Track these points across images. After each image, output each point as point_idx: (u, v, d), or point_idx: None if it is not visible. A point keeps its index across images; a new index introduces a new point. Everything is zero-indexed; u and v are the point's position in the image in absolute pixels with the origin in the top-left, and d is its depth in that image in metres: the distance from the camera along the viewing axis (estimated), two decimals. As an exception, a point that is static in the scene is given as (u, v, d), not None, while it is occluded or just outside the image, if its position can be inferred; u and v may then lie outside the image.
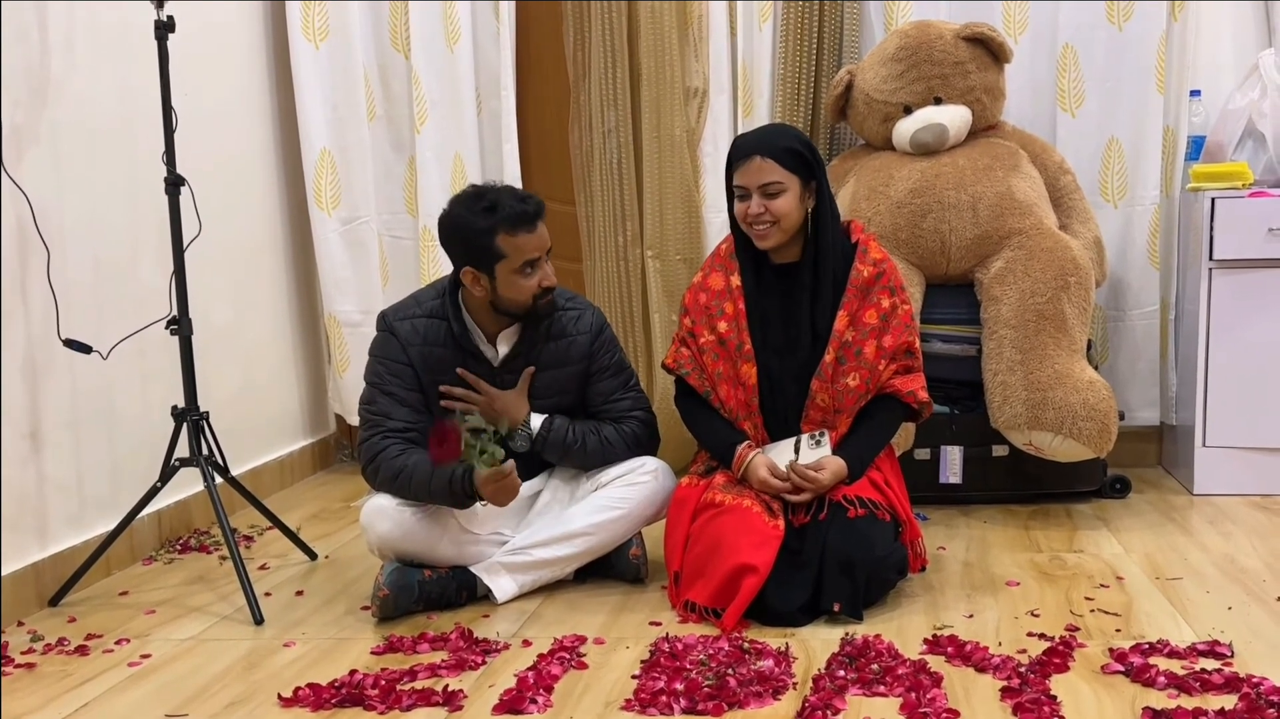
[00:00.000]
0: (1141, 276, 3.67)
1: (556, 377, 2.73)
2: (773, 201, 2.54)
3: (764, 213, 2.55)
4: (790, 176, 2.55)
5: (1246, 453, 3.37)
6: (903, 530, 2.58)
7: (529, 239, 2.57)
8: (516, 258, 2.56)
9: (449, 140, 3.91)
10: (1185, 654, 2.20)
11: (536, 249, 2.58)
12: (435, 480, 2.52)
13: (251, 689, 2.24)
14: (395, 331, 2.67)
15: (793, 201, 2.55)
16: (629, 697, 2.09)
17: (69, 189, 2.90)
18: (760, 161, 2.54)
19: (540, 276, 2.60)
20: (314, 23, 3.89)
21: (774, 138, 2.61)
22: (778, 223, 2.55)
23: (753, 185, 2.55)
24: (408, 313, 2.70)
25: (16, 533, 2.71)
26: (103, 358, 2.80)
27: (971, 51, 3.38)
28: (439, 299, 2.69)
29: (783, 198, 2.54)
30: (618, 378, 2.79)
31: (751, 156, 2.55)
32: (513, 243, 2.55)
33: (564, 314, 2.73)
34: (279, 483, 3.88)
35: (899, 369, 2.61)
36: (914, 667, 2.16)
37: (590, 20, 3.75)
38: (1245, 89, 3.50)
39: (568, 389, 2.75)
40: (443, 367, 2.66)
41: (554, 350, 2.72)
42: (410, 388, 2.65)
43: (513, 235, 2.55)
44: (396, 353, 2.65)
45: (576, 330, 2.74)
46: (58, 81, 2.87)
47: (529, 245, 2.57)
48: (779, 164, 2.54)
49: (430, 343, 2.66)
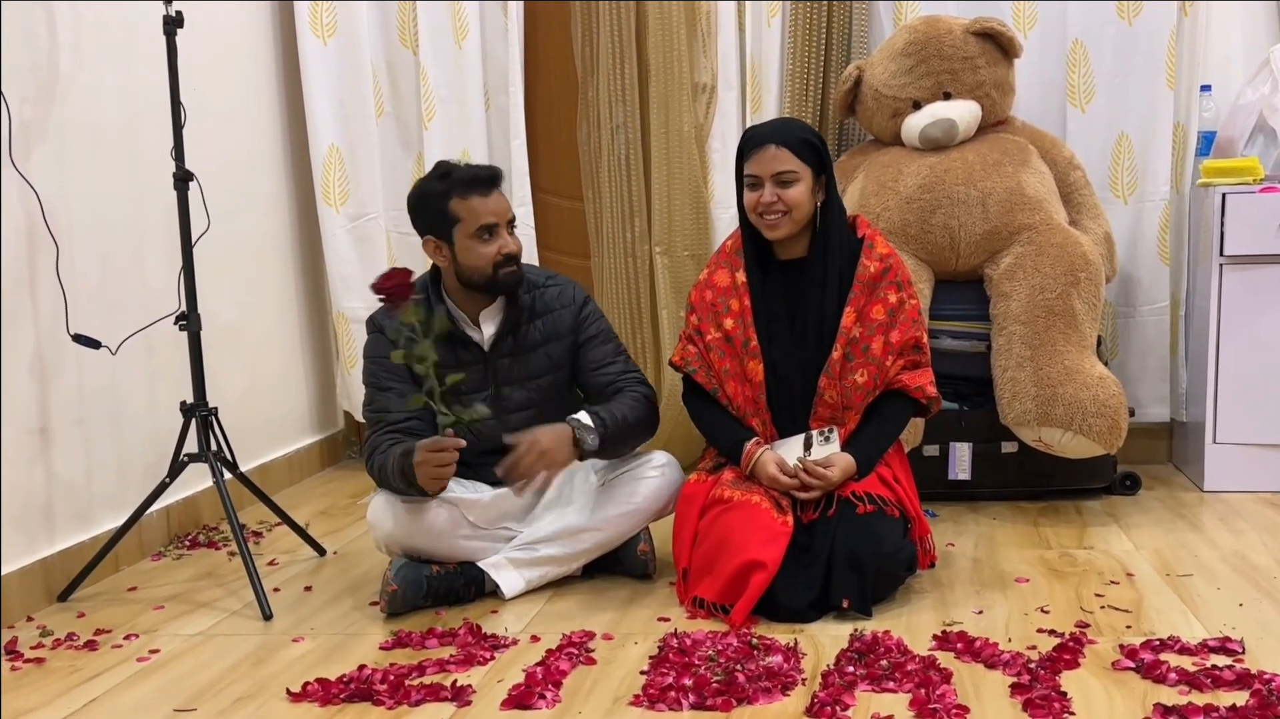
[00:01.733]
0: (1152, 272, 3.65)
1: (549, 352, 2.74)
2: (786, 191, 2.53)
3: (776, 201, 2.54)
4: (804, 167, 2.54)
5: (1257, 449, 3.35)
6: (912, 527, 2.57)
7: (483, 203, 2.60)
8: (471, 221, 2.59)
9: (457, 137, 3.91)
10: (1196, 651, 2.19)
11: (493, 214, 2.61)
12: (395, 472, 2.51)
13: (260, 684, 2.24)
14: (384, 330, 2.68)
15: (805, 192, 2.55)
16: (637, 692, 2.09)
17: (77, 185, 2.90)
18: (775, 150, 2.54)
19: (499, 244, 2.62)
20: (322, 19, 3.90)
21: (789, 128, 2.62)
22: (789, 213, 2.54)
23: (766, 174, 2.54)
24: None
25: (26, 528, 2.71)
26: (111, 353, 2.80)
27: (981, 46, 3.37)
28: (422, 293, 2.71)
29: (796, 187, 2.54)
30: (607, 345, 2.80)
31: (766, 145, 2.55)
32: (466, 205, 2.59)
33: (546, 290, 2.76)
34: (287, 479, 3.88)
35: (907, 364, 2.60)
36: (923, 663, 2.15)
37: (599, 16, 3.75)
38: (1256, 84, 3.49)
39: (560, 365, 2.76)
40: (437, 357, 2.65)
41: (541, 327, 2.74)
42: (406, 380, 2.65)
43: (465, 199, 2.59)
44: (387, 349, 2.66)
45: (560, 304, 2.76)
46: (66, 78, 2.88)
47: (483, 209, 2.60)
48: (793, 153, 2.53)
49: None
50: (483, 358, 2.70)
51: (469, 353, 2.70)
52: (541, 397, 2.74)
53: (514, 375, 2.72)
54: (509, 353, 2.72)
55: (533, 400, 2.73)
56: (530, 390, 2.73)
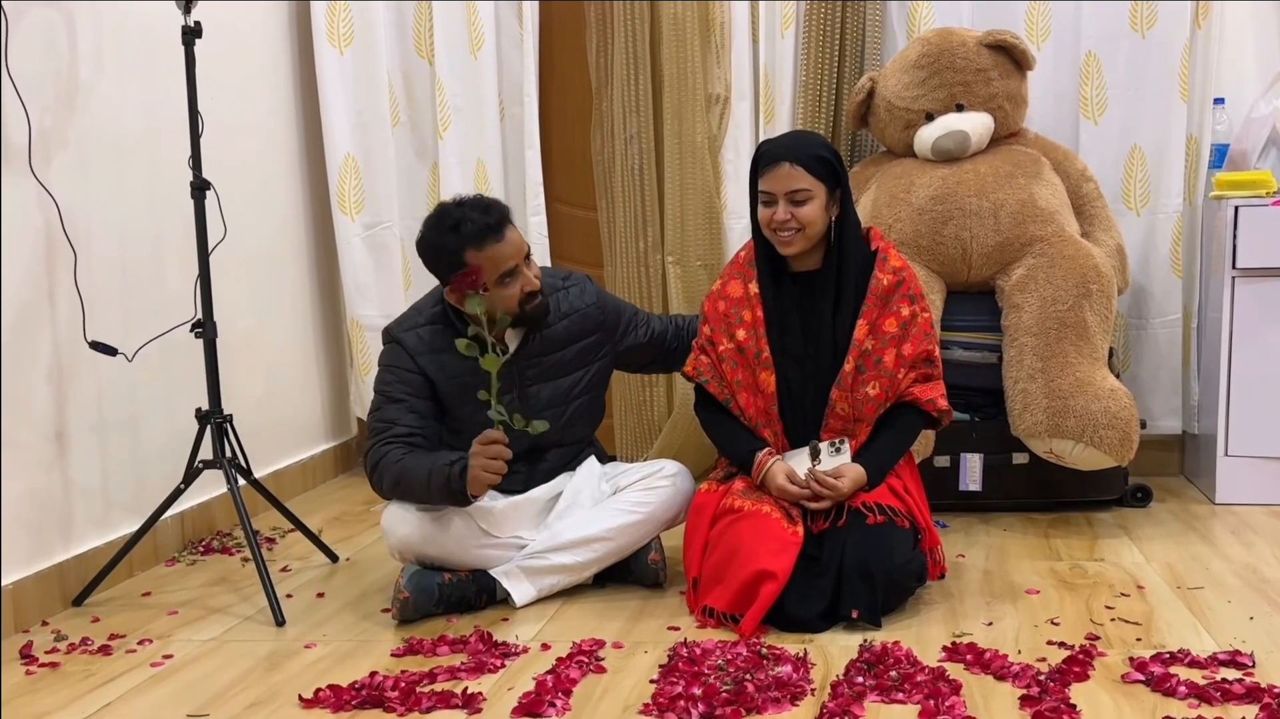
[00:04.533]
0: (1164, 285, 3.65)
1: (577, 350, 2.76)
2: (799, 209, 2.54)
3: (790, 219, 2.54)
4: (818, 184, 2.54)
5: (1269, 462, 3.35)
6: (922, 538, 2.58)
7: (499, 249, 2.59)
8: (492, 270, 2.58)
9: (472, 146, 3.93)
10: (1206, 664, 2.19)
11: (510, 258, 2.60)
12: (434, 479, 2.52)
13: (272, 690, 2.25)
14: (402, 342, 2.69)
15: (818, 209, 2.55)
16: (647, 701, 2.10)
17: (96, 193, 2.93)
18: (789, 169, 2.53)
19: (521, 283, 2.63)
20: (339, 28, 3.92)
21: (803, 145, 2.60)
22: (803, 230, 2.55)
23: (780, 191, 2.54)
24: (411, 323, 2.72)
25: (42, 533, 2.74)
26: (128, 360, 2.83)
27: (994, 59, 3.38)
28: (439, 305, 2.72)
29: (809, 205, 2.54)
30: (638, 314, 2.91)
31: (780, 163, 2.54)
32: (483, 255, 2.57)
33: (568, 292, 2.79)
34: (301, 485, 3.90)
35: (919, 377, 2.61)
36: (933, 674, 2.16)
37: (613, 26, 3.76)
38: (1269, 97, 3.49)
39: (589, 360, 2.79)
40: (455, 369, 2.67)
41: (568, 326, 2.76)
42: (419, 395, 2.67)
43: (480, 249, 2.57)
44: (405, 361, 2.67)
45: (584, 302, 2.79)
46: (85, 87, 2.90)
47: (501, 256, 2.59)
48: (808, 171, 2.53)
49: (438, 349, 2.68)
50: (510, 364, 2.71)
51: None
52: (570, 394, 2.76)
53: (542, 374, 2.74)
54: (536, 353, 2.73)
55: (560, 398, 2.75)
56: (559, 388, 2.75)
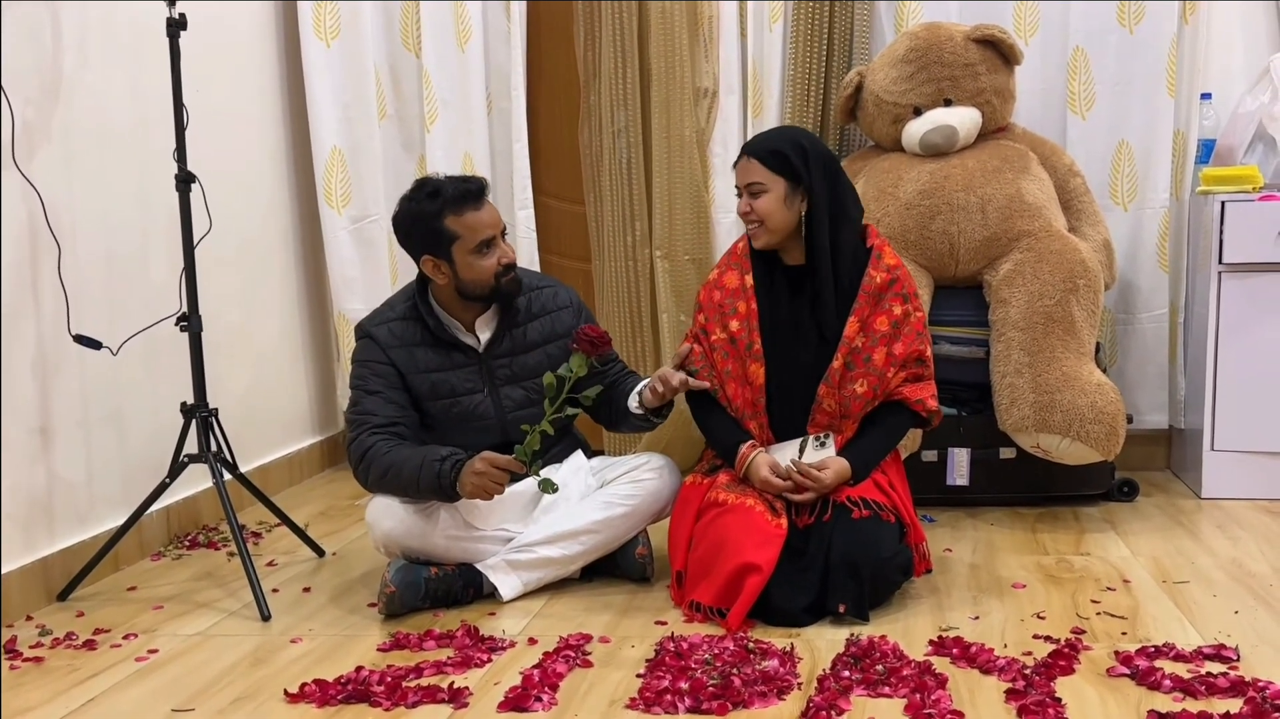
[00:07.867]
0: (1151, 280, 3.66)
1: (549, 351, 2.76)
2: (755, 201, 2.60)
3: (750, 212, 2.61)
4: (773, 178, 2.57)
5: (1255, 457, 3.36)
6: (907, 533, 2.58)
7: (477, 216, 2.63)
8: (470, 237, 2.62)
9: (459, 140, 3.92)
10: (1191, 658, 2.20)
11: (488, 227, 2.64)
12: (424, 473, 2.54)
13: (258, 685, 2.24)
14: (374, 336, 2.72)
15: (775, 203, 2.57)
16: (634, 695, 2.09)
17: (80, 186, 2.91)
18: (745, 161, 2.62)
19: (498, 254, 2.66)
20: (325, 22, 3.91)
21: (767, 139, 2.67)
22: (763, 223, 2.59)
23: (740, 184, 2.63)
24: (382, 318, 2.76)
25: (26, 527, 2.72)
26: (113, 354, 2.81)
27: (982, 53, 3.38)
28: (410, 301, 2.75)
29: (764, 198, 2.58)
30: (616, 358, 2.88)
31: (742, 155, 2.63)
32: (462, 222, 2.62)
33: (541, 292, 2.81)
34: (287, 480, 3.89)
35: (909, 377, 2.61)
36: (919, 668, 2.16)
37: (601, 21, 3.75)
38: (1256, 92, 3.49)
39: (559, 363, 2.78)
40: (426, 364, 2.71)
41: (540, 327, 2.77)
42: (394, 386, 2.69)
43: (460, 215, 2.62)
44: (378, 355, 2.70)
45: (557, 305, 2.80)
46: (70, 80, 2.89)
47: (479, 223, 2.63)
48: (762, 165, 2.58)
49: (408, 343, 2.71)
50: (477, 359, 2.72)
51: (462, 354, 2.72)
52: (540, 395, 2.75)
53: (512, 375, 2.74)
54: (506, 354, 2.73)
55: (531, 399, 2.74)
56: (529, 389, 2.75)
